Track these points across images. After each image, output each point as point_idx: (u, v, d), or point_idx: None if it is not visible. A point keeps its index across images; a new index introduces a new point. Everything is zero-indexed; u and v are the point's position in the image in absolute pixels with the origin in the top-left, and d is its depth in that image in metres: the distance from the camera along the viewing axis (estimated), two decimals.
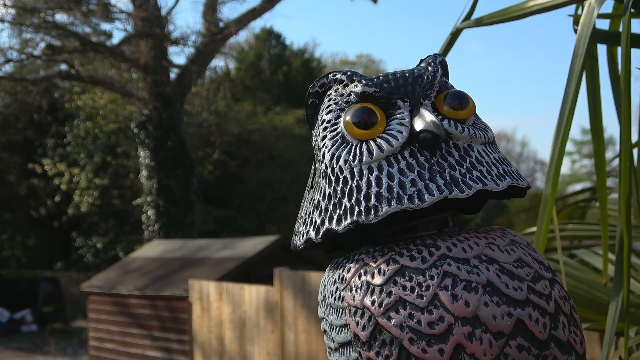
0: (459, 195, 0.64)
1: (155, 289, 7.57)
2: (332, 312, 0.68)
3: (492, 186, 0.66)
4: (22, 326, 13.05)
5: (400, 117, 0.69)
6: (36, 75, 14.24)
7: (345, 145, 0.70)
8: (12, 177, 17.40)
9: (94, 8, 13.45)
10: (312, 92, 0.77)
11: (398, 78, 0.72)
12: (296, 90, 20.89)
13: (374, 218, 0.65)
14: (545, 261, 0.68)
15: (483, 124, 0.73)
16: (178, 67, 14.07)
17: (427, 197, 0.64)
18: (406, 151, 0.68)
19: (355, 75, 0.73)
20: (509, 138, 32.07)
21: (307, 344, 5.26)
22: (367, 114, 0.70)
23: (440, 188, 0.64)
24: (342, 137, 0.71)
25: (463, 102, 0.71)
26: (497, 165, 0.69)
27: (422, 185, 0.65)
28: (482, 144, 0.70)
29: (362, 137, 0.69)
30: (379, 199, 0.65)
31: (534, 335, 0.61)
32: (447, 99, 0.71)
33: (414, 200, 0.64)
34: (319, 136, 0.73)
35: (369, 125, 0.69)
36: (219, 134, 16.44)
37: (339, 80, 0.75)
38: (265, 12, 13.77)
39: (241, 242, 8.36)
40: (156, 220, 12.91)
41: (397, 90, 0.71)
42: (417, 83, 0.71)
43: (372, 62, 29.50)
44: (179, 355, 7.30)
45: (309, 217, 0.72)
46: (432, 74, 0.72)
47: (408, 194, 0.65)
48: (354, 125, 0.70)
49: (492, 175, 0.67)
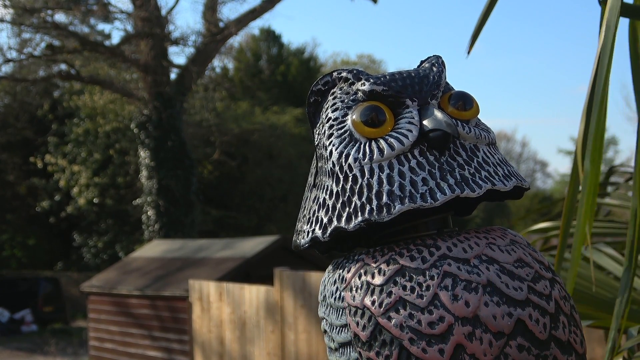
0: (470, 194, 0.64)
1: (156, 289, 7.57)
2: (332, 312, 0.68)
3: (500, 186, 0.66)
4: (22, 326, 13.05)
5: (409, 116, 0.69)
6: (36, 75, 14.24)
7: (354, 144, 0.70)
8: (12, 177, 17.40)
9: (94, 8, 13.44)
10: (315, 89, 0.76)
11: (405, 77, 0.71)
12: (295, 89, 20.90)
13: (387, 216, 0.64)
14: (546, 261, 0.67)
15: (484, 125, 0.74)
16: (178, 67, 14.06)
17: (439, 196, 0.64)
18: (416, 150, 0.68)
19: (361, 73, 0.73)
20: (509, 138, 32.04)
21: (308, 344, 5.26)
22: (375, 112, 0.70)
23: (451, 187, 0.64)
24: (350, 135, 0.70)
25: (467, 102, 0.71)
26: (502, 166, 0.70)
27: (433, 184, 0.65)
28: (487, 145, 0.71)
29: (371, 135, 0.69)
30: (391, 197, 0.65)
31: (534, 335, 0.61)
32: (451, 100, 0.71)
33: (426, 198, 0.64)
34: (324, 134, 0.72)
35: (378, 124, 0.69)
36: (219, 134, 16.44)
37: (345, 79, 0.74)
38: (265, 12, 13.76)
39: (241, 242, 8.35)
40: (156, 220, 12.91)
41: (405, 89, 0.71)
42: (423, 83, 0.71)
43: (373, 62, 29.49)
44: (179, 355, 7.30)
45: (313, 215, 0.71)
46: (437, 74, 0.72)
47: (420, 192, 0.64)
48: (362, 123, 0.69)
49: (499, 175, 0.68)
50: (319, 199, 0.71)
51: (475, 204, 0.78)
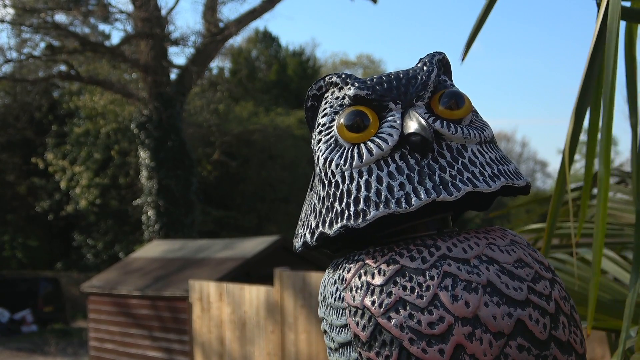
0: (447, 198, 0.63)
1: (156, 290, 7.57)
2: (332, 312, 0.68)
3: (483, 187, 0.65)
4: (23, 326, 13.06)
5: (392, 119, 0.69)
6: (36, 75, 14.24)
7: (338, 149, 0.70)
8: (12, 177, 17.40)
9: (94, 8, 13.45)
10: (310, 95, 0.77)
11: (392, 80, 0.71)
12: (293, 90, 20.90)
13: (362, 222, 0.65)
14: (546, 261, 0.67)
15: (481, 122, 0.72)
16: (178, 68, 14.07)
17: (414, 201, 0.64)
18: (397, 154, 0.67)
19: (349, 77, 0.73)
20: (509, 138, 32.04)
21: (308, 344, 5.26)
22: (359, 117, 0.69)
23: (428, 191, 0.64)
24: (336, 140, 0.71)
25: (458, 101, 0.70)
26: (493, 165, 0.68)
27: (410, 188, 0.64)
28: (478, 144, 0.69)
29: (354, 140, 0.69)
30: (367, 203, 0.65)
31: (534, 336, 0.61)
32: (442, 99, 0.70)
33: (401, 204, 0.64)
34: (315, 139, 0.73)
35: (361, 129, 0.69)
36: (219, 134, 16.44)
37: (335, 83, 0.74)
38: (265, 12, 13.77)
39: (241, 243, 8.35)
40: (156, 221, 12.91)
41: (390, 92, 0.70)
42: (410, 84, 0.70)
43: (372, 62, 29.49)
44: (180, 355, 7.30)
45: (306, 219, 0.72)
46: (426, 74, 0.71)
47: (396, 197, 0.64)
48: (345, 128, 0.69)
49: (485, 175, 0.66)
50: (312, 203, 0.72)
51: (491, 198, 0.77)
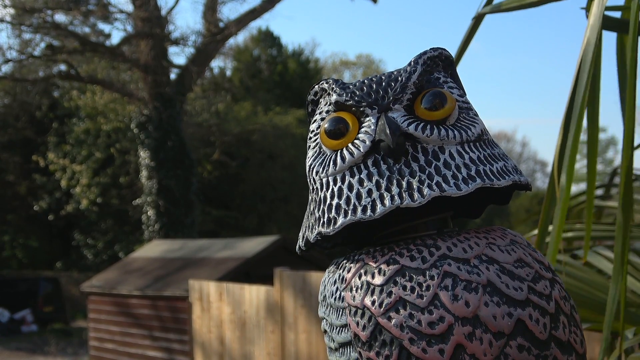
0: (411, 204, 0.63)
1: (156, 289, 7.57)
2: (332, 312, 0.68)
3: (452, 191, 0.63)
4: (23, 326, 13.05)
5: (367, 125, 0.68)
6: (36, 75, 14.23)
7: (321, 156, 0.71)
8: (12, 177, 17.39)
9: (94, 8, 13.44)
10: (309, 100, 0.77)
11: (372, 83, 0.70)
12: (294, 90, 20.90)
13: (332, 230, 0.66)
14: (546, 261, 0.67)
15: (470, 120, 0.70)
16: (178, 67, 14.06)
17: (379, 208, 0.64)
18: (370, 160, 0.67)
19: (335, 83, 0.72)
20: (509, 138, 32.04)
21: (308, 344, 5.26)
22: (340, 123, 0.69)
23: (393, 198, 0.63)
24: (320, 147, 0.71)
25: (441, 101, 0.69)
26: (472, 166, 0.66)
27: (377, 195, 0.64)
28: (459, 144, 0.67)
29: (335, 147, 0.69)
30: (337, 211, 0.66)
31: (534, 336, 0.61)
32: (424, 100, 0.69)
33: (366, 211, 0.64)
34: (308, 146, 0.74)
35: (340, 135, 0.69)
36: (219, 134, 16.44)
37: (324, 89, 0.75)
38: (265, 12, 13.77)
39: (242, 242, 8.35)
40: (156, 221, 12.90)
41: (368, 97, 0.69)
42: (389, 87, 0.69)
43: (372, 62, 29.47)
44: (180, 355, 7.30)
45: (304, 223, 0.74)
46: (406, 76, 0.70)
47: (362, 204, 0.65)
48: (326, 135, 0.70)
49: (458, 178, 0.64)
50: (308, 207, 0.73)
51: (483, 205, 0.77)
